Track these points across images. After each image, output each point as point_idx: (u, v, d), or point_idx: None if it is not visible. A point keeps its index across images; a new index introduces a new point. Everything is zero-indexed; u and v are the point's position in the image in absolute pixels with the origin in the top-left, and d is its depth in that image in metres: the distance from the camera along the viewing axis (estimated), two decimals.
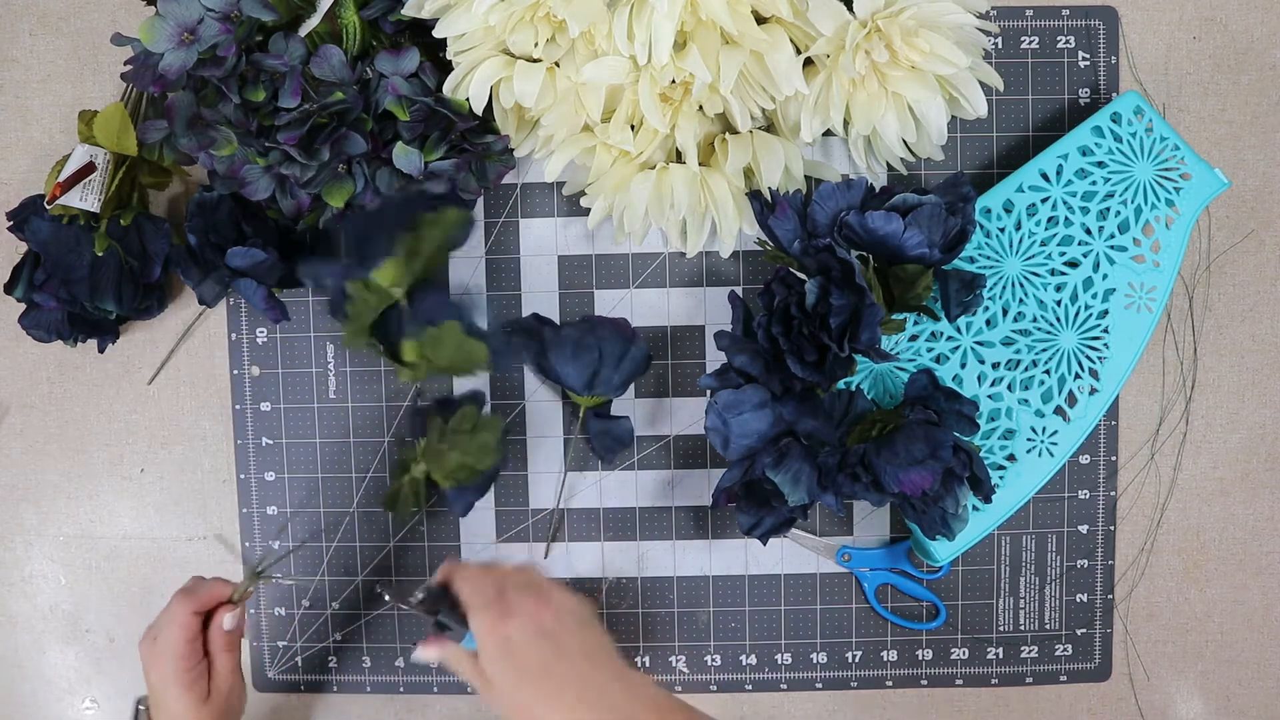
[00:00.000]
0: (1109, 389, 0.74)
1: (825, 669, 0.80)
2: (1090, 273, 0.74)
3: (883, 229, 0.66)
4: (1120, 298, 0.74)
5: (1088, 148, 0.74)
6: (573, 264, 0.79)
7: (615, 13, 0.65)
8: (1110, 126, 0.74)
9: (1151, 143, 0.73)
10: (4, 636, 0.81)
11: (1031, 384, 0.74)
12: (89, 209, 0.72)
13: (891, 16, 0.66)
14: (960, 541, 0.74)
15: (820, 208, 0.68)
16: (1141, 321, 0.74)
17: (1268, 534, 0.80)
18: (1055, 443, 0.74)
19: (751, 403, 0.68)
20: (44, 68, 0.79)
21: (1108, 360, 0.74)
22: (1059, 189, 0.74)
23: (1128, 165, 0.73)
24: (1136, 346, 0.74)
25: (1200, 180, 0.73)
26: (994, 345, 0.74)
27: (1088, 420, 0.74)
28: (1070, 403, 0.74)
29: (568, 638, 0.59)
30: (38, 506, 0.81)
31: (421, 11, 0.67)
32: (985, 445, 0.74)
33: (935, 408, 0.69)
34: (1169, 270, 0.74)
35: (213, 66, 0.67)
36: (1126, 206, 0.74)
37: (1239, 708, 0.81)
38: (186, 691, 0.64)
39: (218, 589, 0.67)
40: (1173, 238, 0.74)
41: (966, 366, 0.74)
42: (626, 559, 0.80)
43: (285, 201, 0.71)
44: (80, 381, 0.80)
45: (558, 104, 0.69)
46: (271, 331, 0.79)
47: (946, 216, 0.66)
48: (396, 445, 0.78)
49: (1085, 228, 0.74)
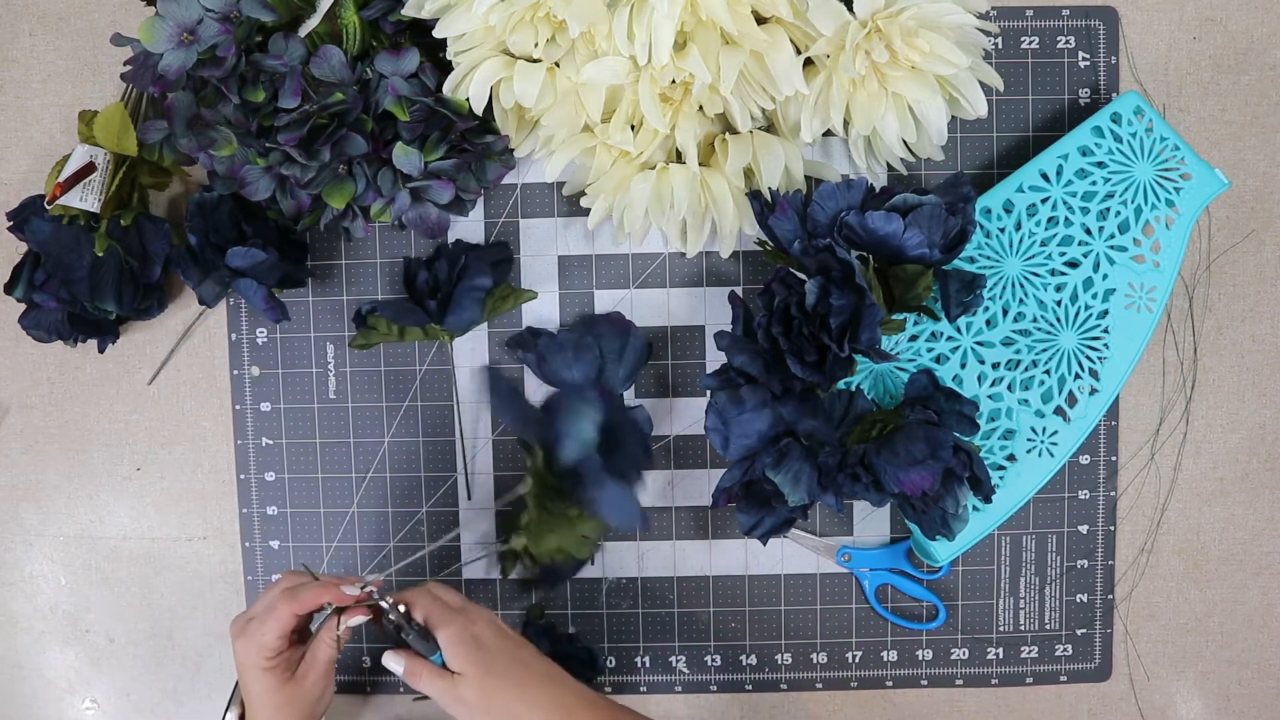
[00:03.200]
0: (1109, 389, 0.74)
1: (825, 669, 0.80)
2: (1090, 273, 0.74)
3: (883, 229, 0.66)
4: (1120, 298, 0.74)
5: (1088, 148, 0.74)
6: (573, 264, 0.79)
7: (615, 13, 0.65)
8: (1110, 126, 0.73)
9: (1152, 143, 0.73)
10: (4, 636, 0.81)
11: (1031, 384, 0.74)
12: (89, 209, 0.72)
13: (891, 16, 0.66)
14: (960, 542, 0.74)
15: (820, 208, 0.68)
16: (1142, 322, 0.74)
17: (1268, 534, 0.80)
18: (1055, 443, 0.74)
19: (751, 403, 0.68)
20: (44, 68, 0.79)
21: (1108, 360, 0.74)
22: (1059, 189, 0.74)
23: (1128, 165, 0.73)
24: (1137, 347, 0.74)
25: (1200, 180, 0.73)
26: (994, 345, 0.74)
27: (1088, 420, 0.74)
28: (1070, 403, 0.74)
29: (516, 638, 0.68)
30: (38, 506, 0.81)
31: (421, 11, 0.67)
32: (985, 445, 0.74)
33: (935, 408, 0.69)
34: (1169, 270, 0.74)
35: (212, 67, 0.67)
36: (1127, 206, 0.73)
37: (1239, 708, 0.81)
38: (267, 674, 0.66)
39: (322, 593, 0.67)
40: (1173, 238, 0.74)
41: (966, 367, 0.74)
42: (626, 559, 0.80)
43: (285, 202, 0.71)
44: (80, 381, 0.80)
45: (558, 104, 0.69)
46: (271, 331, 0.79)
47: (946, 217, 0.66)
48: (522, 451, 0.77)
49: (1085, 228, 0.74)
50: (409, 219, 0.72)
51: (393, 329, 0.76)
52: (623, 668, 0.81)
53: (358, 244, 0.79)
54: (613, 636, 0.80)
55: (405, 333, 0.76)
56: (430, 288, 0.75)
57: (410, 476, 0.79)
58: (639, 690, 0.81)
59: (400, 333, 0.76)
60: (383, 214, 0.72)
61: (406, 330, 0.76)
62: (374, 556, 0.80)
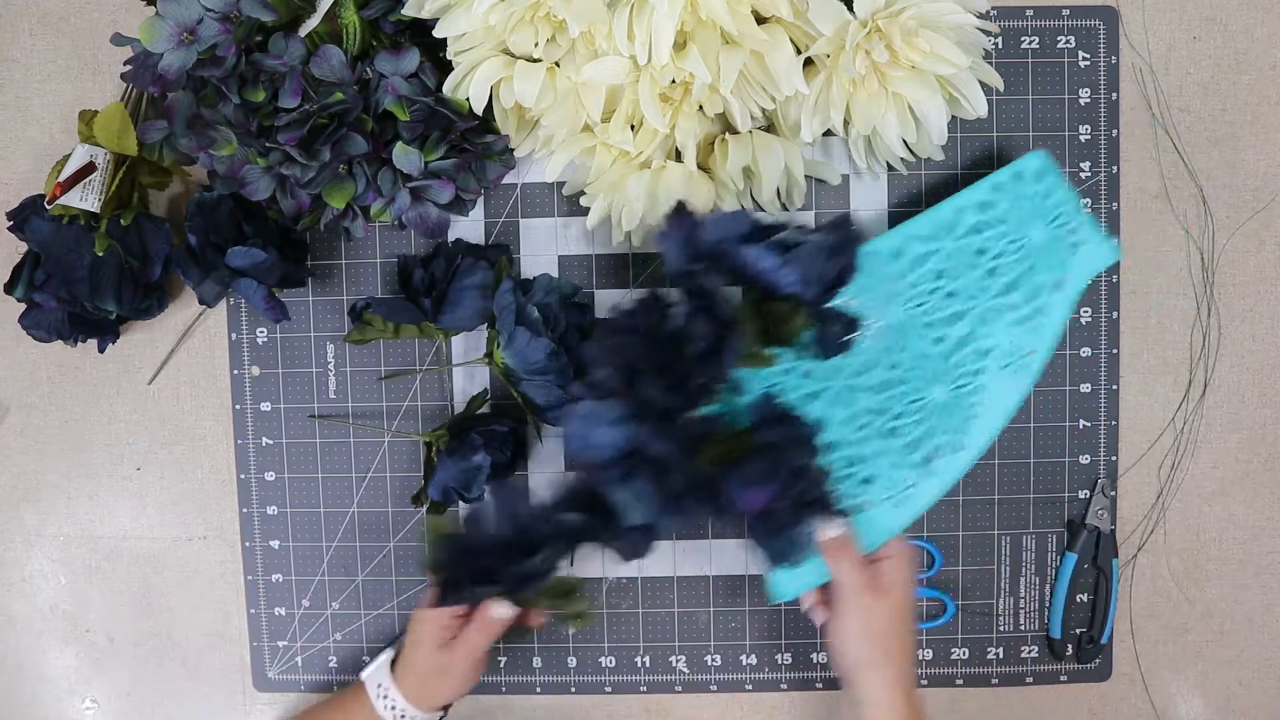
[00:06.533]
0: (974, 448, 0.73)
1: (825, 669, 0.80)
2: (971, 329, 0.72)
3: (758, 264, 0.65)
4: (998, 357, 0.72)
5: (986, 203, 0.72)
6: (573, 264, 0.79)
7: (615, 13, 0.65)
8: (1012, 184, 0.72)
9: (1050, 206, 0.72)
10: (4, 636, 0.82)
11: (897, 433, 0.73)
12: (89, 209, 0.72)
13: (892, 16, 0.66)
14: (803, 580, 0.74)
15: (707, 233, 0.66)
16: (1015, 384, 0.73)
17: (1268, 534, 0.80)
18: (911, 496, 0.73)
19: (609, 417, 0.66)
20: (44, 68, 0.79)
21: (977, 419, 0.73)
22: (950, 240, 0.72)
23: (1022, 226, 0.72)
24: (1008, 408, 0.73)
25: (1093, 249, 0.72)
26: (865, 390, 0.73)
27: (948, 477, 0.73)
28: (933, 458, 0.73)
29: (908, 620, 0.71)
30: (38, 506, 0.81)
31: (421, 11, 0.67)
32: (842, 489, 0.74)
33: (779, 431, 0.68)
34: (1049, 337, 0.72)
35: (212, 66, 0.67)
36: (1016, 266, 0.72)
37: (1239, 708, 0.81)
38: (436, 634, 0.72)
39: None
40: (1058, 304, 0.72)
41: (835, 407, 0.73)
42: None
43: (285, 202, 0.71)
44: (80, 381, 0.80)
45: (558, 104, 0.69)
46: (271, 331, 0.79)
47: (826, 258, 0.65)
48: None
49: (973, 283, 0.72)
50: (409, 219, 0.72)
51: (388, 326, 0.76)
52: (623, 668, 0.81)
53: (358, 244, 0.79)
54: (613, 636, 0.80)
55: (401, 330, 0.76)
56: (426, 286, 0.75)
57: (410, 476, 0.79)
58: (639, 690, 0.81)
59: (396, 330, 0.76)
60: (383, 214, 0.72)
61: (402, 328, 0.76)
62: (374, 556, 0.80)
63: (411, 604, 0.80)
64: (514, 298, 0.71)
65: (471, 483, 0.73)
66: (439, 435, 0.75)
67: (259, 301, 0.72)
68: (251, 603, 0.80)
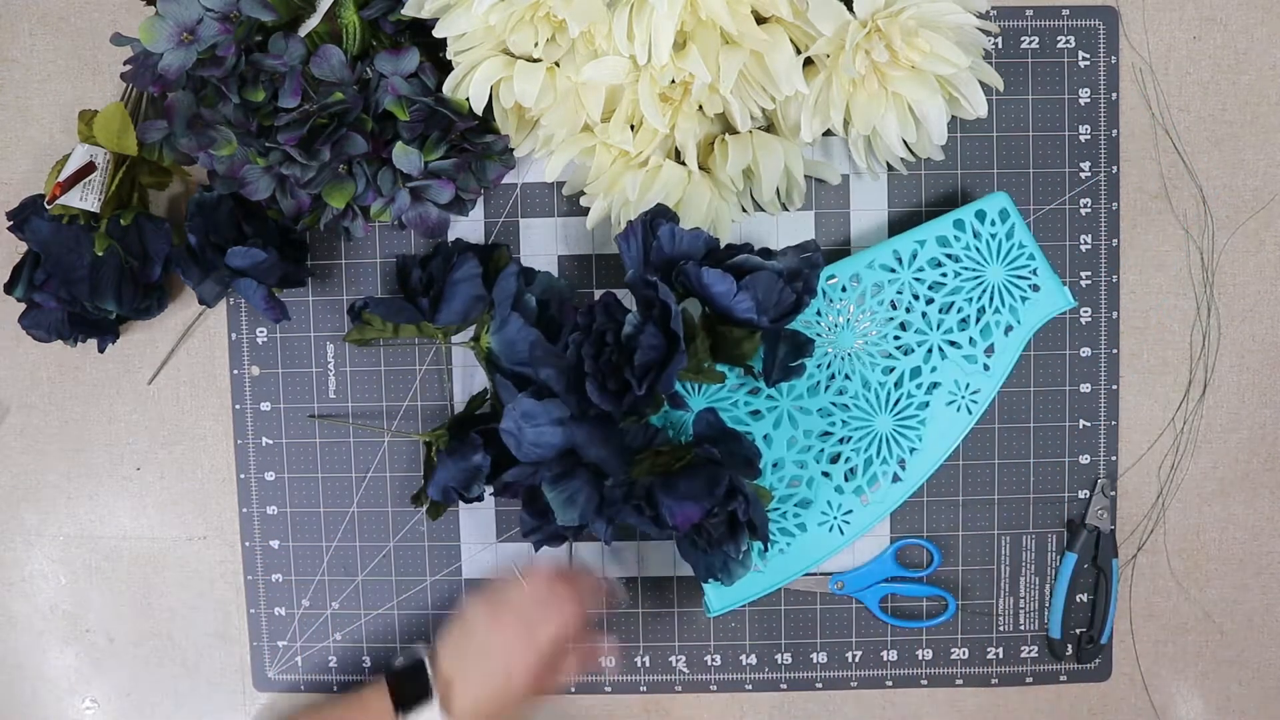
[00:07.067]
0: (912, 481, 0.74)
1: (825, 669, 0.80)
2: (920, 362, 0.73)
3: (715, 287, 0.65)
4: (944, 393, 0.74)
5: (946, 239, 0.73)
6: (573, 264, 0.79)
7: (615, 13, 0.65)
8: (973, 223, 0.73)
9: (1009, 248, 0.73)
10: (4, 636, 0.82)
11: (839, 459, 0.74)
12: (89, 209, 0.72)
13: (891, 16, 0.66)
14: (735, 595, 0.74)
15: (664, 246, 0.67)
16: (958, 421, 0.74)
17: (1268, 534, 0.80)
18: (848, 521, 0.74)
19: (549, 417, 0.67)
20: (44, 68, 0.79)
21: (918, 452, 0.74)
22: (908, 273, 0.73)
23: (981, 265, 0.73)
24: (948, 445, 0.74)
25: (1048, 294, 0.73)
26: (811, 413, 0.74)
27: (885, 506, 0.74)
28: (872, 486, 0.74)
29: None
30: (38, 506, 0.81)
31: (421, 11, 0.67)
32: (780, 510, 0.74)
33: (719, 448, 0.68)
34: (997, 377, 0.74)
35: (212, 66, 0.67)
36: (970, 304, 0.73)
37: (1239, 708, 0.81)
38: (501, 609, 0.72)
39: None
40: (1008, 345, 0.73)
41: (779, 428, 0.74)
42: (627, 559, 0.80)
43: (285, 201, 0.71)
44: (80, 381, 0.80)
45: (558, 104, 0.69)
46: (271, 331, 0.79)
47: (783, 286, 0.65)
48: None
49: (925, 316, 0.73)
50: (409, 219, 0.72)
51: (387, 325, 0.76)
52: (623, 668, 0.81)
53: (357, 244, 0.79)
54: (613, 636, 0.80)
55: (400, 329, 0.76)
56: (424, 285, 0.74)
57: (410, 476, 0.79)
58: (639, 690, 0.81)
59: (394, 329, 0.76)
60: (383, 214, 0.72)
61: (401, 327, 0.76)
62: (374, 556, 0.80)
63: (411, 604, 0.80)
64: (516, 282, 0.71)
65: (471, 483, 0.73)
66: (439, 435, 0.75)
67: (259, 301, 0.72)
68: (251, 603, 0.80)
